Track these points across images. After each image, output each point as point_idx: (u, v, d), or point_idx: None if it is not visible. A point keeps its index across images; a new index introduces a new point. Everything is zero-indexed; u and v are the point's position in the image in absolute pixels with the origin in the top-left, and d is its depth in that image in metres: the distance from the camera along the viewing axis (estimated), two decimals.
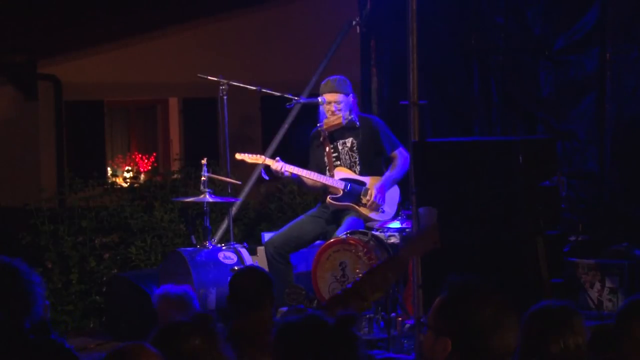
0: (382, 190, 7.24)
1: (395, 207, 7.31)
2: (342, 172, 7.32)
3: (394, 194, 7.35)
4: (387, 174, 7.30)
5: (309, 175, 7.24)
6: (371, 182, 7.28)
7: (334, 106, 7.23)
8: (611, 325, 3.51)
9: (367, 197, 7.20)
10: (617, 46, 7.46)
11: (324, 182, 7.24)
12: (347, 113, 7.26)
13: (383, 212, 7.26)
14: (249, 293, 4.46)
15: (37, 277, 3.54)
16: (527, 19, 7.97)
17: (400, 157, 7.29)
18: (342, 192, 7.23)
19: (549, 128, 7.81)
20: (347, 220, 7.18)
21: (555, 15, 7.84)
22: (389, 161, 7.38)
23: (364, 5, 8.77)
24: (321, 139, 7.38)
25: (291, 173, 7.17)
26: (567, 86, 7.77)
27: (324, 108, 7.29)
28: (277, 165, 7.14)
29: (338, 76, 7.40)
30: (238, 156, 7.28)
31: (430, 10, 7.74)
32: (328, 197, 7.27)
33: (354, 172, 7.33)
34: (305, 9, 12.60)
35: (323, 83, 7.44)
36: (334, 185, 7.26)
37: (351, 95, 7.30)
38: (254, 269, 5.02)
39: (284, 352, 2.68)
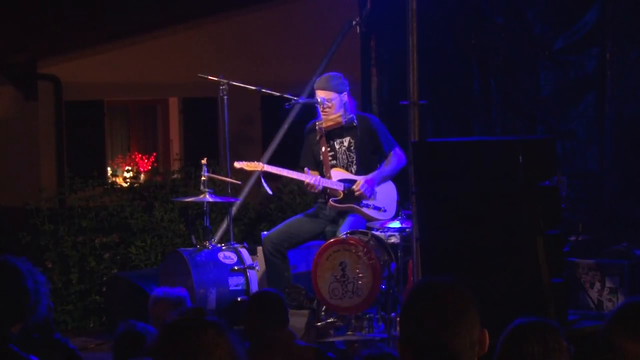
0: (371, 182, 7.22)
1: (394, 206, 7.30)
2: (338, 173, 7.30)
3: (390, 192, 7.34)
4: (379, 169, 7.31)
5: (306, 179, 7.21)
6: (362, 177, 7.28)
7: (325, 103, 7.21)
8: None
9: (354, 187, 7.19)
10: (617, 46, 7.46)
11: (323, 185, 7.23)
12: (343, 111, 7.24)
13: (385, 211, 7.26)
14: (274, 311, 4.98)
15: (42, 277, 3.56)
16: (527, 19, 7.96)
17: (394, 155, 7.30)
18: (342, 194, 7.22)
19: (549, 128, 7.81)
20: (348, 219, 7.17)
21: (555, 15, 7.84)
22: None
23: (364, 5, 8.77)
24: (318, 137, 7.38)
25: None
26: (567, 86, 7.77)
27: (318, 104, 7.28)
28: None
29: (333, 73, 7.38)
30: (237, 165, 7.28)
31: (430, 11, 7.74)
32: (330, 200, 7.26)
33: (350, 172, 7.31)
34: (305, 9, 12.60)
35: (317, 79, 7.44)
36: (334, 187, 7.25)
37: (346, 93, 7.24)
38: (270, 291, 5.42)
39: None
